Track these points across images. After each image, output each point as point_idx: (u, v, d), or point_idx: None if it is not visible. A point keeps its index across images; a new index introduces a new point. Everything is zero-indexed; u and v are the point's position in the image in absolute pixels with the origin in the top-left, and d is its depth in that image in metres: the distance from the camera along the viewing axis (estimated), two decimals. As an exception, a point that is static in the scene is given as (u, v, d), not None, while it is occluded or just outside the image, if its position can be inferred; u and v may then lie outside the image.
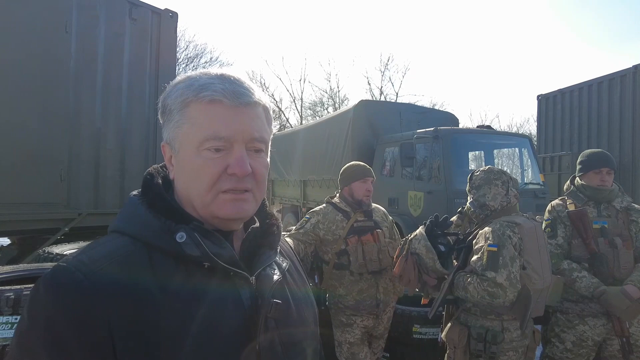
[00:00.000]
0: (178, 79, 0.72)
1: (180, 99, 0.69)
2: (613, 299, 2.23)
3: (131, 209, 0.71)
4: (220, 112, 0.68)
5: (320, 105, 27.97)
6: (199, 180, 0.68)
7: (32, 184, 3.83)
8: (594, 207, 2.48)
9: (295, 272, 0.87)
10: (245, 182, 0.69)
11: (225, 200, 0.69)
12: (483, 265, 1.97)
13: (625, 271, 2.32)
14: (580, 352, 2.38)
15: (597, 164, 2.51)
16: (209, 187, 0.68)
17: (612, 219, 2.44)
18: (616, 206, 2.46)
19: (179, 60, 20.70)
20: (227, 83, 0.69)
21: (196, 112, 0.68)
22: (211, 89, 0.68)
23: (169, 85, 0.73)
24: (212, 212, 0.70)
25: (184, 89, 0.69)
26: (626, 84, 7.61)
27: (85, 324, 0.58)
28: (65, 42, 4.02)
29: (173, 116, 0.70)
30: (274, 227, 0.80)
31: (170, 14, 4.95)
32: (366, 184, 2.66)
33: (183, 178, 0.71)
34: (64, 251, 3.72)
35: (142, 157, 4.73)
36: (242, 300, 0.69)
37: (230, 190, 0.69)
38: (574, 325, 2.39)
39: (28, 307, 0.61)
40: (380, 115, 6.95)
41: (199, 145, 0.68)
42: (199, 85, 0.68)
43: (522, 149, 6.20)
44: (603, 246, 2.37)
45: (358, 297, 2.54)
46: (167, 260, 0.66)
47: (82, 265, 0.62)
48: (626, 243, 2.37)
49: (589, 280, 2.32)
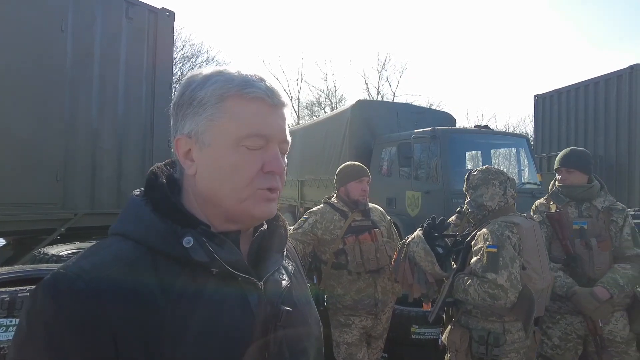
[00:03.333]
0: (208, 73, 0.69)
1: (219, 92, 0.66)
2: (582, 299, 2.29)
3: (134, 210, 0.68)
4: (263, 110, 0.67)
5: (317, 105, 27.96)
6: (237, 176, 0.66)
7: (27, 184, 3.80)
8: (576, 207, 2.52)
9: (299, 274, 0.86)
10: (278, 182, 0.69)
11: (261, 198, 0.68)
12: (483, 266, 1.96)
13: (599, 272, 2.37)
14: (568, 346, 2.44)
15: (557, 162, 2.63)
16: (247, 182, 0.66)
17: (592, 219, 2.47)
18: (598, 206, 2.49)
19: (176, 59, 20.65)
20: (267, 82, 0.68)
21: (238, 107, 0.66)
22: (255, 85, 0.67)
23: (195, 77, 0.69)
24: (247, 209, 0.68)
25: (224, 83, 0.67)
26: (622, 84, 7.65)
27: (87, 334, 0.56)
28: (61, 42, 3.99)
29: (205, 109, 0.67)
30: (281, 229, 0.78)
31: (167, 13, 4.93)
32: (362, 184, 2.66)
33: (213, 173, 0.67)
34: (60, 252, 3.70)
35: (139, 156, 4.71)
36: (250, 306, 0.67)
37: (267, 189, 0.68)
38: (557, 320, 2.47)
39: (26, 316, 0.59)
40: (378, 115, 6.96)
41: (238, 141, 0.66)
42: (242, 80, 0.67)
43: (519, 149, 6.23)
44: (579, 247, 2.42)
45: (356, 296, 2.54)
46: (172, 266, 0.63)
47: (83, 273, 0.59)
48: (602, 244, 2.41)
49: (563, 280, 2.38)
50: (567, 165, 2.57)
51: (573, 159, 2.57)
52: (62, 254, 3.64)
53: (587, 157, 2.63)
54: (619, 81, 7.72)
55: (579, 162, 2.56)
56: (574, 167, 2.55)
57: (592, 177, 2.57)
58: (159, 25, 4.83)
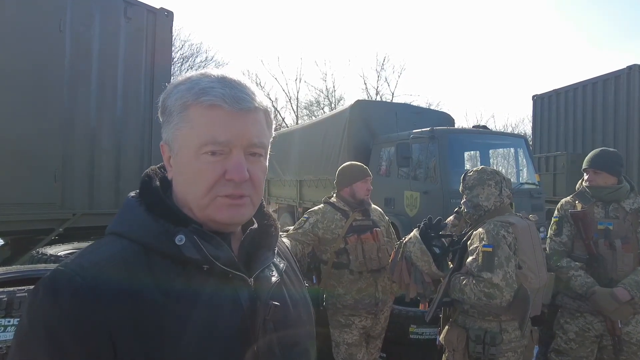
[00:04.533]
0: (179, 80, 0.72)
1: (181, 102, 0.69)
2: (601, 300, 2.29)
3: (129, 210, 0.71)
4: (220, 117, 0.68)
5: (316, 105, 27.96)
6: (197, 184, 0.69)
7: (25, 184, 3.80)
8: (602, 208, 2.49)
9: (292, 272, 0.87)
10: (242, 188, 0.69)
11: (222, 204, 0.69)
12: (479, 266, 1.97)
13: (622, 273, 2.35)
14: (584, 343, 2.44)
15: (585, 163, 2.61)
16: (206, 190, 0.68)
17: (619, 221, 2.44)
18: (626, 207, 2.46)
19: (174, 59, 20.63)
20: (228, 87, 0.68)
21: (196, 116, 0.68)
22: (211, 93, 0.67)
23: (170, 86, 0.73)
24: (209, 216, 0.70)
25: (185, 92, 0.69)
26: (620, 84, 7.67)
27: (86, 329, 0.58)
28: (59, 41, 3.98)
29: (173, 118, 0.70)
30: (271, 228, 0.80)
31: (166, 13, 4.92)
32: (367, 184, 2.70)
33: (180, 180, 0.71)
34: (58, 252, 3.69)
35: (138, 156, 4.70)
36: (240, 302, 0.69)
37: (228, 196, 0.69)
38: (577, 317, 2.47)
39: (27, 312, 0.61)
40: (377, 115, 6.96)
41: (198, 149, 0.68)
42: (199, 89, 0.68)
43: (518, 149, 6.23)
44: (602, 247, 2.41)
45: (357, 296, 2.54)
46: (166, 263, 0.66)
47: (81, 270, 0.62)
48: (627, 246, 2.38)
49: (583, 279, 2.38)
50: (595, 167, 2.53)
51: (601, 161, 2.54)
52: (61, 254, 3.63)
53: (617, 158, 2.57)
54: (616, 81, 7.75)
55: (607, 164, 2.52)
56: (601, 169, 2.52)
57: (621, 179, 2.53)
58: (158, 25, 4.82)
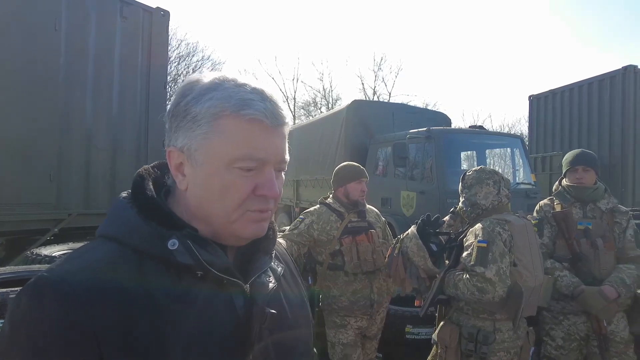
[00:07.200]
0: (204, 84, 0.66)
1: (215, 110, 0.63)
2: (590, 298, 2.30)
3: (119, 212, 0.67)
4: (259, 133, 0.65)
5: (313, 105, 27.94)
6: (228, 197, 0.65)
7: (20, 184, 3.78)
8: (580, 208, 2.53)
9: (290, 275, 0.85)
10: (270, 203, 0.68)
11: (250, 219, 0.67)
12: (472, 260, 1.98)
13: (605, 271, 2.39)
14: (572, 347, 2.44)
15: (572, 162, 2.59)
16: (237, 205, 0.65)
17: (596, 220, 2.49)
18: (602, 207, 2.51)
19: (171, 58, 20.54)
20: (268, 102, 0.65)
21: (232, 128, 0.64)
22: (253, 107, 0.64)
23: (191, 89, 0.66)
24: (235, 230, 0.67)
25: (221, 100, 0.64)
26: (615, 85, 7.72)
27: (72, 338, 0.55)
28: (55, 40, 3.97)
29: (200, 126, 0.64)
30: (270, 231, 0.77)
31: (162, 12, 4.91)
32: (361, 185, 2.68)
33: (204, 192, 0.66)
34: (53, 252, 3.67)
35: (134, 156, 4.68)
36: (235, 308, 0.67)
37: (258, 211, 0.67)
38: (560, 321, 2.47)
39: (10, 319, 0.58)
40: (373, 115, 6.97)
41: (230, 162, 0.64)
42: (239, 100, 0.64)
43: (514, 149, 6.25)
44: (585, 247, 2.44)
45: (352, 297, 2.54)
46: (158, 268, 0.63)
47: (67, 275, 0.59)
48: (608, 244, 2.43)
49: (569, 279, 2.39)
50: (585, 164, 2.54)
51: (589, 158, 2.57)
52: (55, 254, 3.61)
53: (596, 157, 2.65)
54: (612, 82, 7.79)
55: (594, 161, 2.57)
56: (590, 166, 2.54)
57: (596, 179, 2.58)
58: (154, 25, 4.81)
